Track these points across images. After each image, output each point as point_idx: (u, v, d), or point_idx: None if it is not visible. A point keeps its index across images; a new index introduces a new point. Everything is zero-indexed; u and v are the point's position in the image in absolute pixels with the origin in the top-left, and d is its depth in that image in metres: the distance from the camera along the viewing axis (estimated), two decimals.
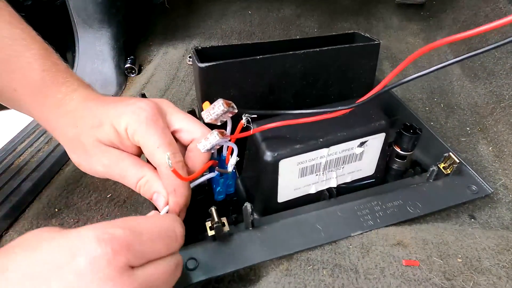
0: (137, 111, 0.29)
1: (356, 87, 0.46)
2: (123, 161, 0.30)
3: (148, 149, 0.29)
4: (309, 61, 0.41)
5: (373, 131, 0.38)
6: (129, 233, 0.21)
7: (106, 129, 0.30)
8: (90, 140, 0.30)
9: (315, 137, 0.37)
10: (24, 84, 0.30)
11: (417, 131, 0.43)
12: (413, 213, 0.38)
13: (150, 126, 0.29)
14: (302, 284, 0.32)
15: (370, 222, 0.37)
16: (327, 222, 0.37)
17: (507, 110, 0.58)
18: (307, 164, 0.37)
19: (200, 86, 0.39)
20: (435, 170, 0.42)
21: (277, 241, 0.35)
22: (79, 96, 0.31)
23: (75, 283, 0.18)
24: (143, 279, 0.20)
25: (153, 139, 0.29)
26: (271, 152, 0.35)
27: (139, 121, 0.29)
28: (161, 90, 0.75)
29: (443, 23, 0.88)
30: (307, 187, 0.40)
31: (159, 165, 0.29)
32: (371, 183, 0.43)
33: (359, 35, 0.48)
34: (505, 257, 0.34)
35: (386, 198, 0.40)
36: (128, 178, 0.30)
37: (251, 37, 0.93)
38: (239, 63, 0.38)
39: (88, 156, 0.30)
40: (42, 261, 0.19)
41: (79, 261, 0.19)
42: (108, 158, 0.30)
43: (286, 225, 0.36)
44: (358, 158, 0.40)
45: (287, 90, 0.42)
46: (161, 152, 0.29)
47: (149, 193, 0.31)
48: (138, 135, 0.29)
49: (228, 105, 0.29)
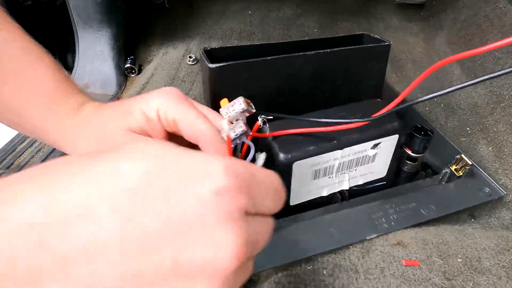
0: (165, 93, 0.29)
1: (365, 89, 0.45)
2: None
3: (186, 121, 0.29)
4: (318, 62, 0.41)
5: (387, 133, 0.38)
6: (250, 177, 0.18)
7: (137, 116, 0.29)
8: (120, 132, 0.29)
9: (328, 139, 0.36)
10: (38, 94, 0.30)
11: (429, 133, 0.42)
12: (427, 215, 0.38)
13: (182, 102, 0.29)
14: (302, 284, 0.32)
15: (384, 225, 0.37)
16: (341, 225, 0.36)
17: (507, 110, 0.58)
18: (320, 166, 0.37)
19: (210, 86, 0.38)
20: (448, 173, 0.41)
21: (292, 244, 0.34)
22: (93, 104, 0.32)
23: (193, 210, 0.15)
24: (253, 230, 0.18)
25: (190, 111, 0.29)
26: (285, 154, 0.35)
27: (170, 100, 0.29)
28: None
29: (443, 23, 0.88)
30: (319, 189, 0.39)
31: (203, 132, 0.29)
32: (382, 186, 0.43)
33: (368, 36, 0.47)
34: (505, 257, 0.34)
35: (400, 201, 0.39)
36: None
37: (251, 37, 0.93)
38: (249, 64, 0.37)
39: (117, 150, 0.29)
40: (173, 171, 0.16)
41: (206, 187, 0.16)
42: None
43: (300, 228, 0.36)
44: (371, 160, 0.40)
45: (296, 91, 0.42)
46: (202, 121, 0.28)
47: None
48: (173, 112, 0.29)
49: (248, 104, 0.29)
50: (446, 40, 0.84)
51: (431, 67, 0.28)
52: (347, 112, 0.39)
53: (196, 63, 0.85)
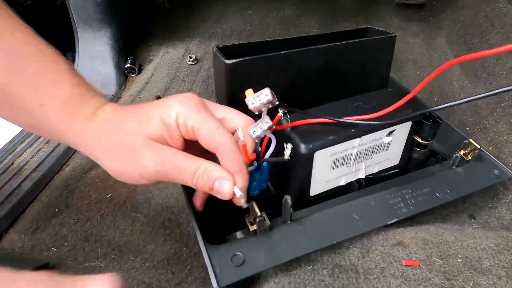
0: (184, 100, 0.29)
1: (372, 80, 0.47)
2: (176, 155, 0.29)
3: (205, 130, 0.29)
4: (329, 55, 0.41)
5: (401, 120, 0.39)
6: None
7: (156, 123, 0.29)
8: (138, 139, 0.29)
9: (347, 128, 0.37)
10: (54, 98, 0.29)
11: (437, 120, 0.43)
12: (442, 198, 0.39)
13: (202, 110, 0.29)
14: (302, 284, 0.32)
15: (404, 209, 0.37)
16: (362, 212, 0.37)
17: (507, 110, 0.58)
18: (339, 155, 0.38)
19: (226, 83, 0.38)
20: (458, 157, 0.42)
21: (318, 233, 0.35)
22: (110, 107, 0.31)
23: None
24: None
25: (209, 120, 0.29)
26: (306, 144, 0.35)
27: (189, 108, 0.29)
28: (161, 90, 0.75)
29: (443, 23, 0.88)
30: (337, 179, 0.40)
31: (221, 144, 0.29)
32: (395, 173, 0.44)
33: (372, 30, 0.48)
34: (505, 257, 0.34)
35: (415, 186, 0.40)
36: (185, 171, 0.29)
37: (251, 37, 0.93)
38: (264, 58, 0.38)
39: (136, 157, 0.29)
40: None
41: None
42: (160, 153, 0.29)
43: (323, 217, 0.36)
44: (386, 148, 0.41)
45: (308, 85, 0.43)
46: (221, 132, 0.28)
47: (210, 181, 0.29)
48: (192, 120, 0.29)
49: (273, 95, 0.29)
50: (446, 40, 0.84)
51: (439, 68, 0.29)
52: (362, 102, 0.40)
53: (196, 63, 0.85)
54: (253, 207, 0.34)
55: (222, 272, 0.31)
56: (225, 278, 0.31)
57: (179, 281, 0.39)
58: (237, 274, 0.31)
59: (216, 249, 0.33)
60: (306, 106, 0.40)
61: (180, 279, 0.39)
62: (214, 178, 0.29)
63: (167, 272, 0.40)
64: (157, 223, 0.46)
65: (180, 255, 0.42)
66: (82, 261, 0.41)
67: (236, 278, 0.31)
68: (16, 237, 0.45)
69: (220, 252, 0.33)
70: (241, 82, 0.38)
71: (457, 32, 0.81)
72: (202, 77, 0.81)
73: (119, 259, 0.41)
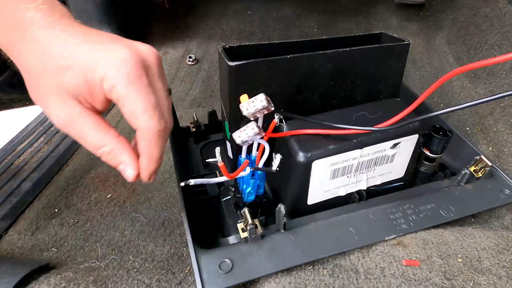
0: (118, 63, 0.25)
1: (384, 88, 0.45)
2: (83, 121, 0.26)
3: (129, 110, 0.26)
4: (338, 61, 0.40)
5: (406, 132, 0.38)
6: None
7: (75, 75, 0.25)
8: (51, 85, 0.25)
9: (348, 138, 0.36)
10: None
11: (448, 133, 0.42)
12: (446, 217, 0.37)
13: (132, 84, 0.25)
14: (302, 284, 0.32)
15: (403, 225, 0.36)
16: (359, 225, 0.36)
17: (507, 110, 0.58)
18: (339, 165, 0.37)
19: (229, 85, 0.38)
20: (467, 174, 0.41)
21: (310, 244, 0.34)
22: (45, 19, 0.25)
23: None
24: None
25: (136, 100, 0.25)
26: (304, 152, 0.34)
27: (119, 76, 0.25)
28: None
29: (443, 23, 0.88)
30: (337, 189, 0.39)
31: (141, 129, 0.26)
32: (399, 186, 0.42)
33: (386, 36, 0.46)
34: (505, 257, 0.34)
35: (418, 201, 0.39)
36: (88, 143, 0.27)
37: (251, 37, 0.93)
38: (269, 62, 0.37)
39: (45, 102, 0.26)
40: None
41: None
42: (65, 113, 0.26)
43: (318, 228, 0.36)
44: (390, 160, 0.39)
45: (315, 90, 0.41)
46: (147, 118, 0.26)
47: (114, 162, 0.28)
48: (118, 92, 0.25)
49: (268, 101, 0.29)
50: (445, 40, 0.84)
51: (444, 76, 0.28)
52: (367, 111, 0.39)
53: (196, 63, 0.85)
54: (245, 214, 0.33)
55: (209, 277, 0.31)
56: (211, 284, 0.31)
57: (179, 281, 0.39)
58: (224, 281, 0.31)
59: (206, 254, 0.33)
60: (312, 112, 0.39)
61: (180, 279, 0.39)
62: (118, 161, 0.28)
63: (167, 272, 0.40)
64: (157, 223, 0.46)
65: (180, 255, 0.42)
66: (82, 261, 0.41)
67: (222, 285, 0.31)
68: (16, 237, 0.45)
69: (209, 257, 0.33)
70: (244, 84, 0.37)
71: (456, 32, 0.81)
72: (202, 77, 0.81)
73: (119, 259, 0.41)
